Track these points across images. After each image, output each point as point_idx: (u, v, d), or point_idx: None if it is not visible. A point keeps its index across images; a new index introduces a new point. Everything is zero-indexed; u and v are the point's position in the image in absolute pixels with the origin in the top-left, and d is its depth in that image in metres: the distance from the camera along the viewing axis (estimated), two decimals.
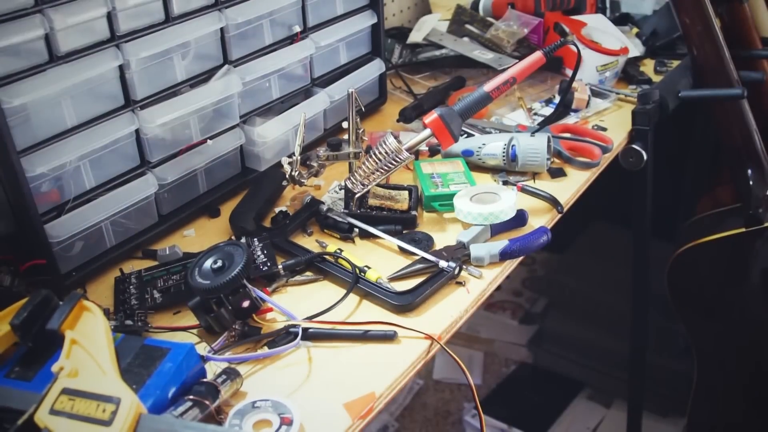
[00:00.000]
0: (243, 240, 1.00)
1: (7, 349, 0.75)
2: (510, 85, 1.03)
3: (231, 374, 0.77)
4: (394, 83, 1.55)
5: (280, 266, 0.96)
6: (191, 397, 0.71)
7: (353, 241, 1.04)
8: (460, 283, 0.95)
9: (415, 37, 1.66)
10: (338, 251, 1.00)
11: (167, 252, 1.02)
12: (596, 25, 1.55)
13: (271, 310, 0.91)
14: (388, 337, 0.85)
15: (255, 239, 1.00)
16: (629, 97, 1.45)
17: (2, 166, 0.85)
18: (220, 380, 0.75)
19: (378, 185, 1.08)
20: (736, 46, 1.49)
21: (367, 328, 0.87)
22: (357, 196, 1.06)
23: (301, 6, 1.21)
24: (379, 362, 0.83)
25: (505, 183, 1.17)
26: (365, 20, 1.35)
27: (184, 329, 0.88)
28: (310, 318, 0.88)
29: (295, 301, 0.93)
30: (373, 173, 1.03)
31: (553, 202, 1.11)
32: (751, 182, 1.49)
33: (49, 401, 0.61)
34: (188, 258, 0.98)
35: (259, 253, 0.97)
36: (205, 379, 0.74)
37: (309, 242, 1.05)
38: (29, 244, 0.90)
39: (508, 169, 1.20)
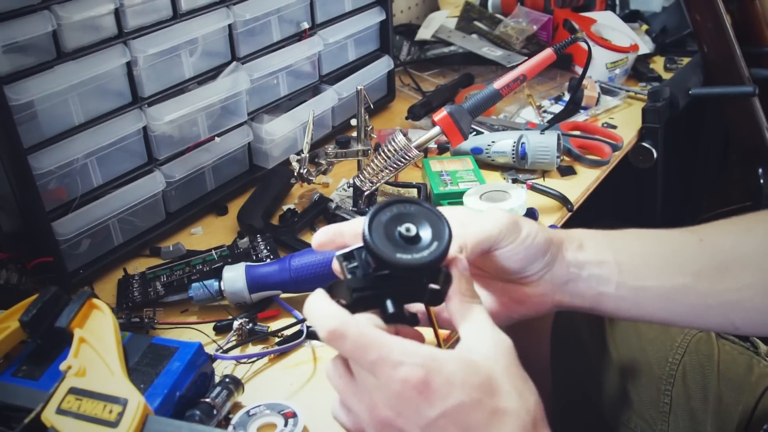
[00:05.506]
0: (246, 239, 0.99)
1: (14, 347, 0.74)
2: (520, 83, 1.02)
3: (230, 384, 0.74)
4: (403, 80, 1.54)
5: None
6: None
7: None
8: None
9: (424, 34, 1.65)
10: None
11: (171, 249, 1.02)
12: (606, 22, 1.54)
13: (278, 312, 0.90)
14: None
15: (258, 236, 0.99)
16: (639, 94, 1.44)
17: (10, 163, 0.85)
18: (214, 394, 0.72)
19: (387, 183, 1.08)
20: (747, 44, 1.48)
21: None
22: (366, 193, 1.05)
23: (309, 2, 1.21)
24: None
25: (515, 181, 1.17)
26: (373, 17, 1.34)
27: (191, 325, 0.88)
28: None
29: (303, 300, 0.92)
30: (382, 171, 1.03)
31: (563, 200, 1.10)
32: (761, 181, 1.48)
33: (56, 400, 0.61)
34: (192, 255, 0.98)
35: (262, 248, 0.97)
36: (201, 399, 0.72)
37: None
38: (36, 241, 0.90)
39: (517, 167, 1.19)
